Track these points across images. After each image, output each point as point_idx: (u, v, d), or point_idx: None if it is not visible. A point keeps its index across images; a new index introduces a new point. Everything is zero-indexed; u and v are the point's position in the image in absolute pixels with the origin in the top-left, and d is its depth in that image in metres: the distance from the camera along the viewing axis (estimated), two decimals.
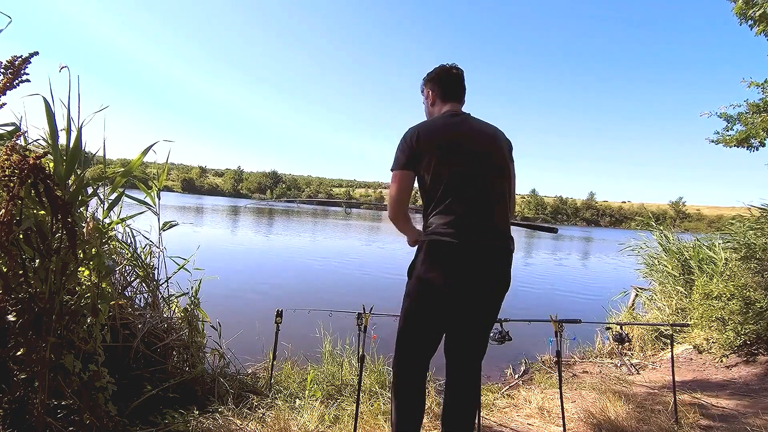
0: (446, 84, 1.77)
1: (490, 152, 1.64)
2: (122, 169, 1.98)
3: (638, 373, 3.81)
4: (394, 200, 1.65)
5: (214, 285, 3.73)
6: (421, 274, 1.56)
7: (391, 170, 1.65)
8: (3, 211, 1.21)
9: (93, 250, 1.62)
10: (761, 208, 4.63)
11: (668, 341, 3.85)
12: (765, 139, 4.19)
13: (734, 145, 4.40)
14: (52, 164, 1.53)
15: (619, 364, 4.05)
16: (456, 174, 1.56)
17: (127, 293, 2.34)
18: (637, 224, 7.74)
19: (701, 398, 2.99)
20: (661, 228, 6.20)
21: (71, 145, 1.57)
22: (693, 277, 4.96)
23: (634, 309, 5.72)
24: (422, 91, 1.86)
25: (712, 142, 4.66)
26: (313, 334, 3.66)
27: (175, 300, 2.52)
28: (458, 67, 1.77)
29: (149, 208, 2.42)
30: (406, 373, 1.66)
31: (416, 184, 1.69)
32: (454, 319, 1.60)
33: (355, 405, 2.09)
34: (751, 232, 4.42)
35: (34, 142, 1.72)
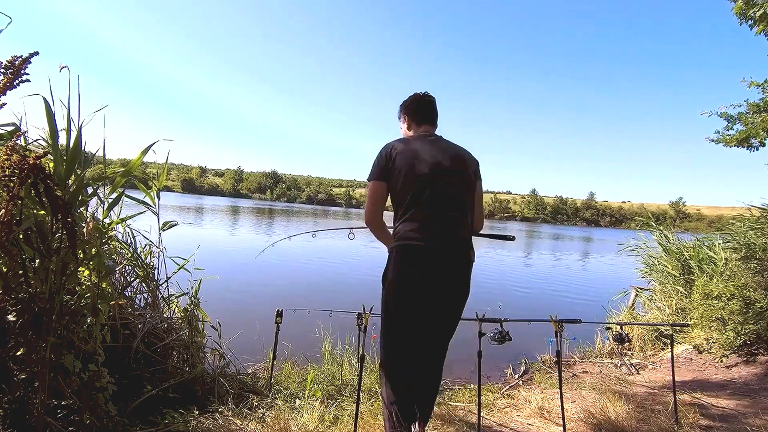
0: (420, 109, 1.96)
1: (459, 170, 1.80)
2: (122, 169, 1.98)
3: (638, 373, 3.81)
4: (369, 209, 1.83)
5: (214, 285, 3.73)
6: (394, 276, 1.70)
7: (367, 180, 1.84)
8: (3, 211, 1.21)
9: (93, 250, 1.62)
10: (761, 208, 4.63)
11: (668, 341, 3.85)
12: (765, 139, 4.18)
13: (734, 145, 4.39)
14: (52, 164, 1.53)
15: (619, 364, 4.04)
16: (424, 187, 1.71)
17: (127, 293, 2.34)
18: (637, 224, 7.74)
19: (701, 398, 2.99)
20: (661, 228, 6.19)
21: (71, 145, 1.57)
22: (693, 277, 4.95)
23: (634, 309, 5.71)
24: (399, 117, 2.03)
25: (712, 141, 4.65)
26: (313, 334, 3.65)
27: (175, 300, 2.52)
28: (430, 94, 1.97)
29: (149, 208, 2.42)
30: (394, 369, 1.75)
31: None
32: (425, 314, 1.72)
33: (355, 405, 2.09)
34: (751, 232, 4.42)
35: (34, 142, 1.72)
